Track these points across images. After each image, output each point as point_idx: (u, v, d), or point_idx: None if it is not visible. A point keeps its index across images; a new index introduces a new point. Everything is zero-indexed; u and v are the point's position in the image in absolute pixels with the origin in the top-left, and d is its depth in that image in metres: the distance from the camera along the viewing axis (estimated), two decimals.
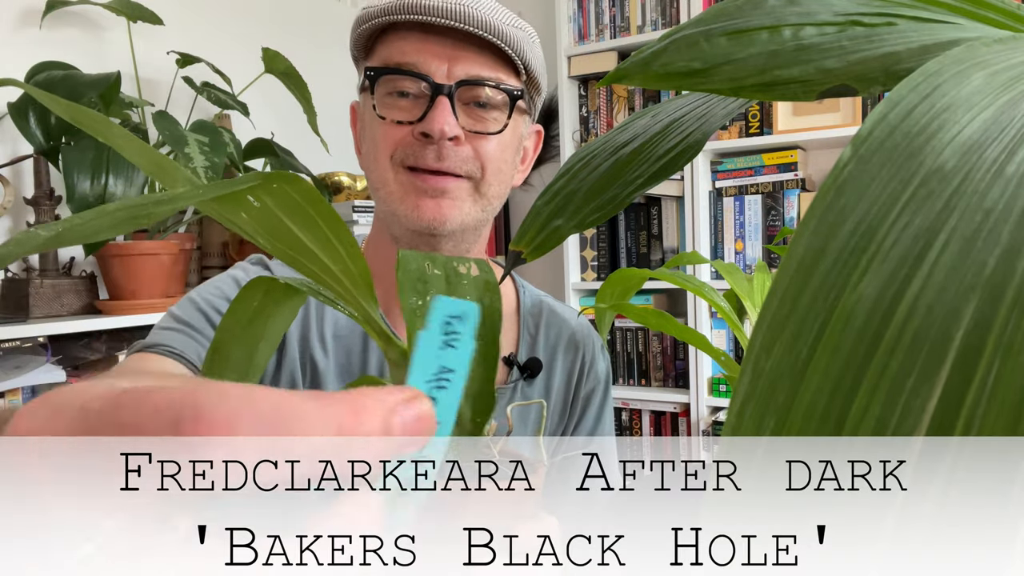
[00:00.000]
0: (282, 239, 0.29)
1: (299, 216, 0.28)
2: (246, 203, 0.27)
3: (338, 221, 0.30)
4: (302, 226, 0.29)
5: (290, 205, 0.28)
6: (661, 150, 0.34)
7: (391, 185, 0.72)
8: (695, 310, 2.16)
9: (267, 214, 0.27)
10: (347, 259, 0.31)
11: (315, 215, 0.29)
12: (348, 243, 0.31)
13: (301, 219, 0.28)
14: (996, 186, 0.15)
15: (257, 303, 0.37)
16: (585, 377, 0.85)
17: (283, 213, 0.28)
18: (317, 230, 0.29)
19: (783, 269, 0.15)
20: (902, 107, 0.17)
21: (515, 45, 0.70)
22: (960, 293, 0.14)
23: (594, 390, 0.86)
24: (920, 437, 0.13)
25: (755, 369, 0.14)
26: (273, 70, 1.87)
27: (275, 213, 0.28)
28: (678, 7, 2.20)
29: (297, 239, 0.29)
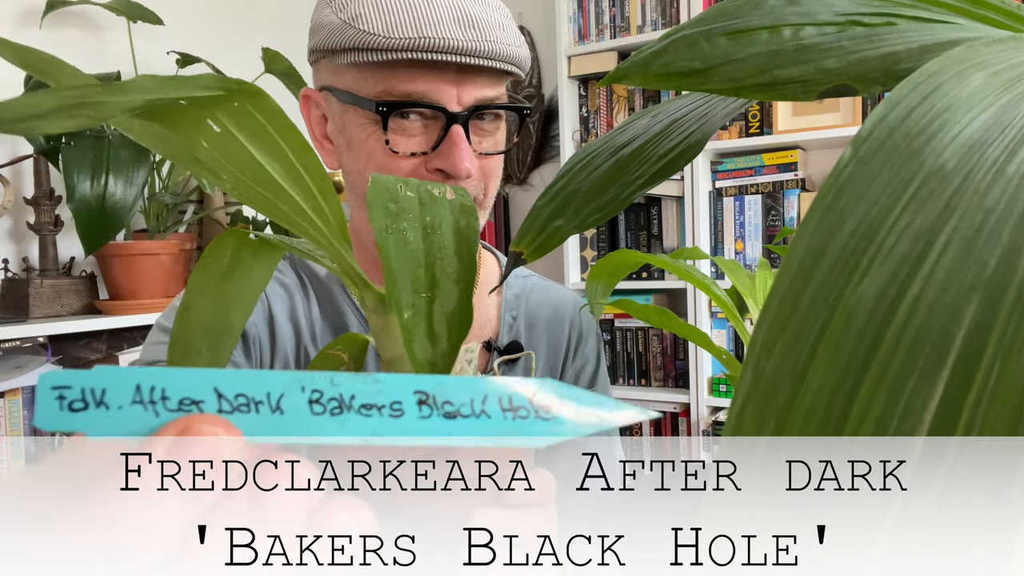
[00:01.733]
0: (247, 172, 0.27)
1: (265, 143, 0.26)
2: (206, 128, 0.24)
3: (308, 150, 0.28)
4: (269, 156, 0.27)
5: (254, 129, 0.25)
6: (661, 150, 0.34)
7: None
8: (695, 310, 2.16)
9: (229, 141, 0.25)
10: (319, 196, 0.30)
11: (282, 142, 0.27)
12: (319, 177, 0.29)
13: (267, 147, 0.26)
14: (997, 186, 0.15)
15: (228, 258, 0.35)
16: (572, 354, 0.83)
17: (246, 139, 0.26)
18: (285, 161, 0.27)
19: (784, 269, 0.15)
20: (902, 107, 0.17)
21: (521, 63, 0.68)
22: (961, 293, 0.14)
23: (583, 369, 0.83)
24: (921, 437, 0.13)
25: (756, 369, 0.14)
26: (273, 70, 1.87)
27: (237, 139, 0.25)
28: (678, 7, 2.20)
29: (264, 172, 0.27)
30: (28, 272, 1.61)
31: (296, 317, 0.75)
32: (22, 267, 1.64)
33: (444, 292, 0.32)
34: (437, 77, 0.65)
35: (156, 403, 0.22)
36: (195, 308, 0.33)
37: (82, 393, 0.21)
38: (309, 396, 0.23)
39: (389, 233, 0.32)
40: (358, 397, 0.23)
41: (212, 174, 0.27)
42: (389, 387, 0.23)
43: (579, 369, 0.84)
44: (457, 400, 0.24)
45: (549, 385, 0.25)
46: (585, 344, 0.84)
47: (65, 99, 0.20)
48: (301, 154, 0.27)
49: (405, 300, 0.31)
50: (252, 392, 0.22)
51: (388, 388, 0.23)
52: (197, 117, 0.23)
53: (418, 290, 0.31)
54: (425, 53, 0.62)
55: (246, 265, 0.35)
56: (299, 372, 0.23)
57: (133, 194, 1.51)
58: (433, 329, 0.32)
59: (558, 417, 0.25)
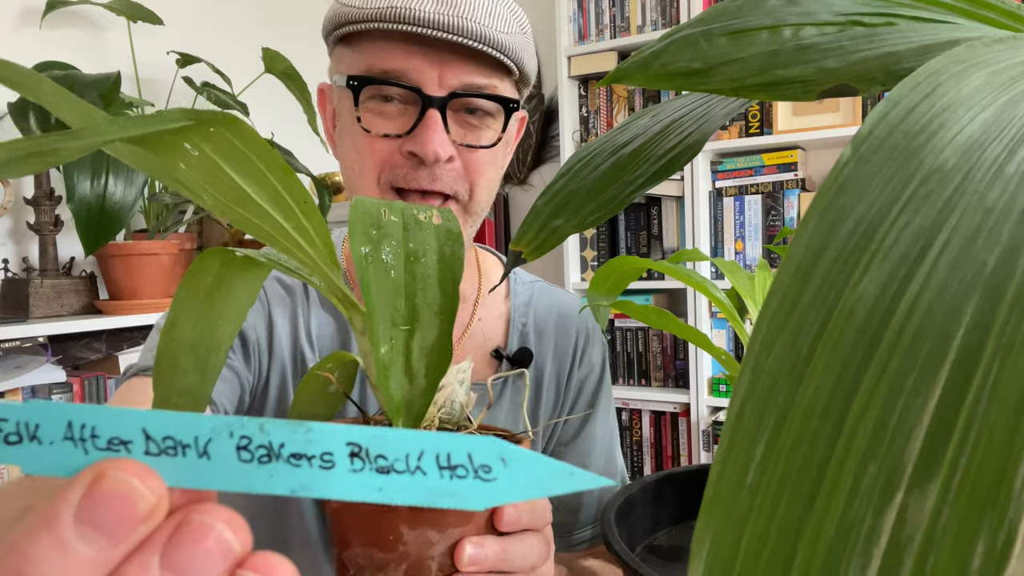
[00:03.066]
0: (228, 193, 0.26)
1: (244, 166, 0.25)
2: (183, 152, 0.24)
3: (288, 173, 0.27)
4: (248, 178, 0.26)
5: (232, 153, 0.25)
6: (661, 150, 0.34)
7: None
8: (695, 310, 2.16)
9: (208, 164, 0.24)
10: (301, 216, 0.29)
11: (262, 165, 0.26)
12: (301, 199, 0.28)
13: (246, 170, 0.26)
14: (996, 185, 0.15)
15: (214, 275, 0.34)
16: (578, 362, 0.83)
17: (225, 163, 0.25)
18: (265, 183, 0.27)
19: (783, 268, 0.15)
20: (902, 107, 0.17)
21: (510, 51, 0.66)
22: (960, 292, 0.14)
23: (588, 376, 0.83)
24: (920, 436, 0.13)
25: (755, 368, 0.14)
26: (273, 70, 1.87)
27: (216, 162, 0.25)
28: (678, 7, 2.20)
29: (244, 194, 0.26)
30: (28, 272, 1.61)
31: (296, 322, 0.74)
32: (22, 267, 1.64)
33: (425, 325, 0.30)
34: (416, 56, 0.64)
35: (86, 441, 0.21)
36: (180, 326, 0.32)
37: (17, 427, 0.21)
38: (237, 442, 0.21)
39: (369, 262, 0.30)
40: (287, 446, 0.22)
41: (193, 194, 0.26)
42: (320, 437, 0.22)
43: (584, 377, 0.83)
44: (392, 454, 0.22)
45: (493, 445, 0.23)
46: (592, 351, 0.84)
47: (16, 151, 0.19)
48: (281, 176, 0.27)
49: (383, 334, 0.29)
50: (180, 435, 0.21)
51: (319, 438, 0.22)
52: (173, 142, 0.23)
53: (397, 323, 0.30)
54: (392, 24, 0.61)
55: (231, 283, 0.34)
56: (230, 417, 0.22)
57: (133, 194, 1.51)
58: (411, 365, 0.30)
59: (499, 478, 0.23)
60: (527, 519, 0.41)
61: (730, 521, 0.13)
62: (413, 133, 0.65)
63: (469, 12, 0.62)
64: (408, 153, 0.65)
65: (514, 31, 0.66)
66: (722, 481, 0.14)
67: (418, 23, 0.61)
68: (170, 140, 0.23)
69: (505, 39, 0.65)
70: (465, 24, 0.62)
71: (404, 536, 0.36)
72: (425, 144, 0.64)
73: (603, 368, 0.85)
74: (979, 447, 0.12)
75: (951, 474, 0.12)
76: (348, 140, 0.69)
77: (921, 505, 0.12)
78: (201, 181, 0.25)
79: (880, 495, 0.12)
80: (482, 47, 0.63)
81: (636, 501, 0.68)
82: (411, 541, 0.37)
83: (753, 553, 0.13)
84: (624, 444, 2.36)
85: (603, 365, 0.86)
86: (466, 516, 0.38)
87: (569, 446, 0.82)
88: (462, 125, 0.67)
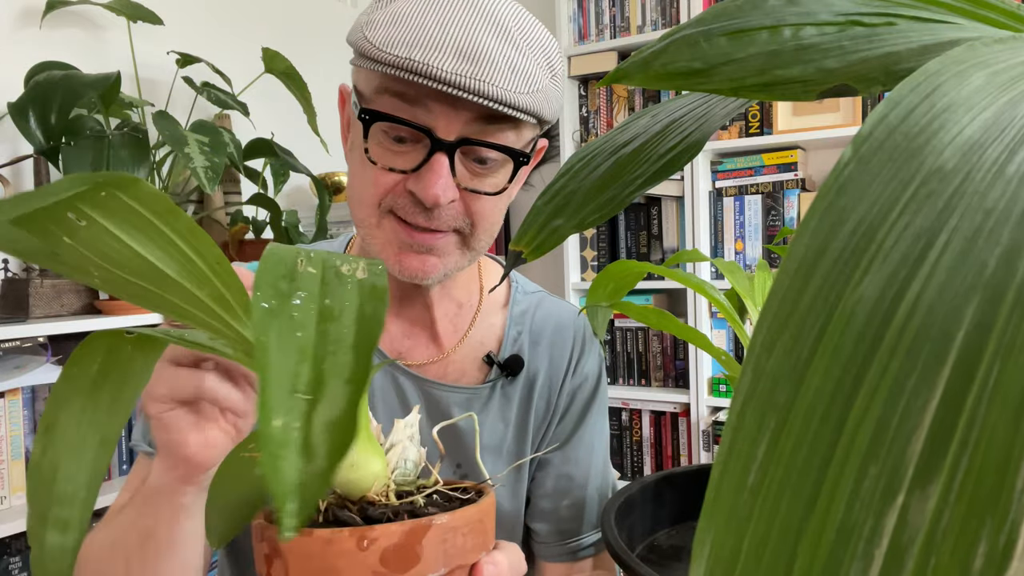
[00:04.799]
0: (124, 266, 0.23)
1: (143, 232, 0.22)
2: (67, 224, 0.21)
3: (199, 233, 0.24)
4: (150, 244, 0.23)
5: (128, 218, 0.22)
6: (661, 150, 0.34)
7: (374, 230, 0.67)
8: (695, 311, 2.16)
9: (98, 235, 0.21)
10: (216, 280, 0.25)
11: (167, 229, 0.23)
12: (216, 259, 0.25)
13: (147, 235, 0.23)
14: (997, 186, 0.15)
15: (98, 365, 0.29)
16: (571, 372, 0.83)
17: (119, 229, 0.22)
18: (171, 248, 0.23)
19: (783, 269, 0.15)
20: (902, 107, 0.17)
21: (528, 108, 0.64)
22: (961, 293, 0.14)
23: (580, 387, 0.83)
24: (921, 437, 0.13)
25: (756, 369, 0.14)
26: (273, 70, 1.87)
27: (109, 231, 0.22)
28: (678, 7, 2.20)
29: (144, 263, 0.23)
30: (28, 272, 1.61)
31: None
32: (22, 267, 1.64)
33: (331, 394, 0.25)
34: (431, 97, 0.62)
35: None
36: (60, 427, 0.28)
37: None
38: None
39: (272, 317, 0.25)
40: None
41: (78, 271, 0.23)
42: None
43: (576, 387, 0.84)
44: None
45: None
46: (585, 363, 0.84)
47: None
48: (190, 237, 0.24)
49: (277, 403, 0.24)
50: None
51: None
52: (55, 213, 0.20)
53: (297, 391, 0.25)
54: (409, 75, 0.60)
55: (121, 369, 0.30)
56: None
57: None
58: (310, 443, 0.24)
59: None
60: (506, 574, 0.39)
61: (731, 523, 0.13)
62: (418, 173, 0.64)
63: (490, 74, 0.61)
64: (408, 191, 0.65)
65: (539, 84, 0.64)
66: (724, 482, 0.14)
67: (437, 80, 0.60)
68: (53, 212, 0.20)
69: (524, 100, 0.63)
70: (483, 87, 0.60)
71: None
72: (427, 188, 0.63)
73: (598, 379, 0.85)
74: (980, 448, 0.12)
75: (952, 475, 0.12)
76: (356, 160, 0.69)
77: (922, 506, 0.12)
78: (90, 254, 0.22)
79: (881, 497, 0.12)
80: (499, 108, 0.62)
81: (636, 501, 0.68)
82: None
83: (754, 555, 0.13)
84: (624, 444, 2.36)
85: (598, 376, 0.86)
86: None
87: (558, 453, 0.82)
88: (469, 169, 0.67)
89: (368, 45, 0.62)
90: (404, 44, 0.60)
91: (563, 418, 0.83)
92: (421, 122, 0.63)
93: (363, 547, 0.33)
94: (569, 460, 0.82)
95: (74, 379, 0.29)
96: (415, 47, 0.60)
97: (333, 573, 0.33)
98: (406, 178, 0.65)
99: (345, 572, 0.33)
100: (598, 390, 0.85)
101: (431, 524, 0.35)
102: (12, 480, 1.47)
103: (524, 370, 0.80)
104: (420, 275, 0.68)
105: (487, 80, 0.60)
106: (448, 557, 0.36)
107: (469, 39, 0.61)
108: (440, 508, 0.38)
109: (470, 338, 0.81)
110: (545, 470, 0.82)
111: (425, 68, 0.59)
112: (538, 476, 0.82)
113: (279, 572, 0.35)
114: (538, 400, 0.81)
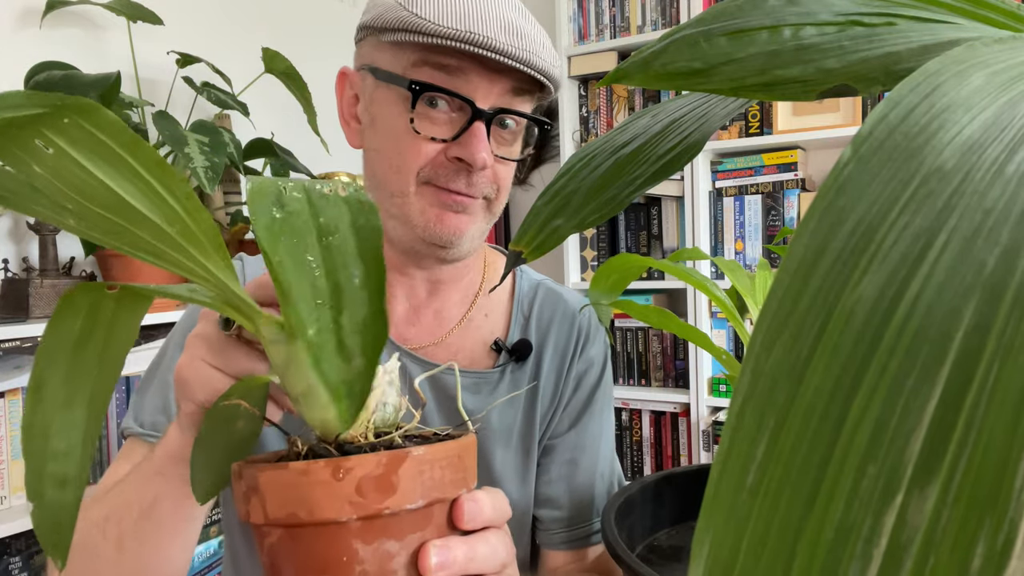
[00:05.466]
0: (93, 198, 0.22)
1: (110, 163, 0.22)
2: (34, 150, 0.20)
3: (165, 167, 0.23)
4: (117, 176, 0.22)
5: (93, 147, 0.21)
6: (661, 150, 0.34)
7: (411, 197, 0.71)
8: (695, 310, 2.16)
9: (64, 162, 0.21)
10: (186, 217, 0.25)
11: (131, 159, 0.22)
12: (184, 195, 0.24)
13: (113, 167, 0.22)
14: (996, 186, 0.15)
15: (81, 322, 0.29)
16: (577, 356, 0.84)
17: (87, 160, 0.21)
18: (138, 181, 0.23)
19: (783, 269, 0.15)
20: (902, 107, 0.17)
21: (555, 80, 0.72)
22: (960, 293, 0.14)
23: (587, 372, 0.84)
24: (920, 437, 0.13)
25: (755, 369, 0.14)
26: (273, 70, 1.87)
27: (77, 161, 0.21)
28: (678, 7, 2.20)
29: (113, 196, 0.23)
30: (28, 272, 1.61)
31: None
32: (22, 267, 1.64)
33: (351, 300, 0.27)
34: (472, 68, 0.68)
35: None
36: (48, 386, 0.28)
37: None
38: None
39: (278, 241, 0.26)
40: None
41: (55, 205, 0.23)
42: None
43: (582, 372, 0.84)
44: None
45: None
46: (590, 348, 0.85)
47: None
48: (158, 172, 0.23)
49: (307, 315, 0.26)
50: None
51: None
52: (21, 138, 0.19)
53: (321, 302, 0.27)
54: (468, 45, 0.65)
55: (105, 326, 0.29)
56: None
57: None
58: (344, 344, 0.27)
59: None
60: (489, 513, 0.40)
61: (730, 522, 0.13)
62: (460, 140, 0.69)
63: (532, 46, 0.69)
64: (454, 158, 0.69)
65: (557, 59, 0.73)
66: (722, 482, 0.14)
67: (494, 50, 0.66)
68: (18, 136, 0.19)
69: (556, 71, 0.71)
70: (529, 57, 0.68)
71: (359, 554, 0.34)
72: (474, 152, 0.68)
73: (603, 366, 0.86)
74: (979, 448, 0.12)
75: (951, 475, 0.12)
76: (387, 134, 0.72)
77: (921, 506, 0.12)
78: (61, 185, 0.21)
79: (880, 496, 0.12)
80: (539, 76, 0.70)
81: (636, 501, 0.68)
82: (368, 558, 0.34)
83: (753, 554, 0.13)
84: (624, 444, 2.36)
85: (603, 363, 0.86)
86: (424, 518, 0.36)
87: (563, 438, 0.83)
88: (497, 139, 0.73)
89: (417, 20, 0.66)
90: (456, 17, 0.66)
91: (569, 403, 0.83)
92: (464, 92, 0.69)
93: (339, 477, 0.33)
94: (575, 446, 0.82)
95: (57, 337, 0.29)
96: (467, 20, 0.66)
97: (309, 503, 0.33)
98: (447, 147, 0.70)
99: (321, 502, 0.33)
100: (603, 376, 0.86)
101: (407, 455, 0.35)
102: (12, 480, 1.47)
103: (531, 356, 0.81)
104: (457, 232, 0.72)
105: (531, 51, 0.68)
106: (425, 489, 0.35)
107: (504, 16, 0.68)
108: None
109: (477, 325, 0.82)
110: (550, 456, 0.82)
111: (484, 40, 0.65)
112: (543, 463, 0.82)
113: (257, 508, 0.34)
114: (544, 384, 0.82)
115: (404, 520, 0.35)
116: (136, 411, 0.71)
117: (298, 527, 0.33)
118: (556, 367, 0.83)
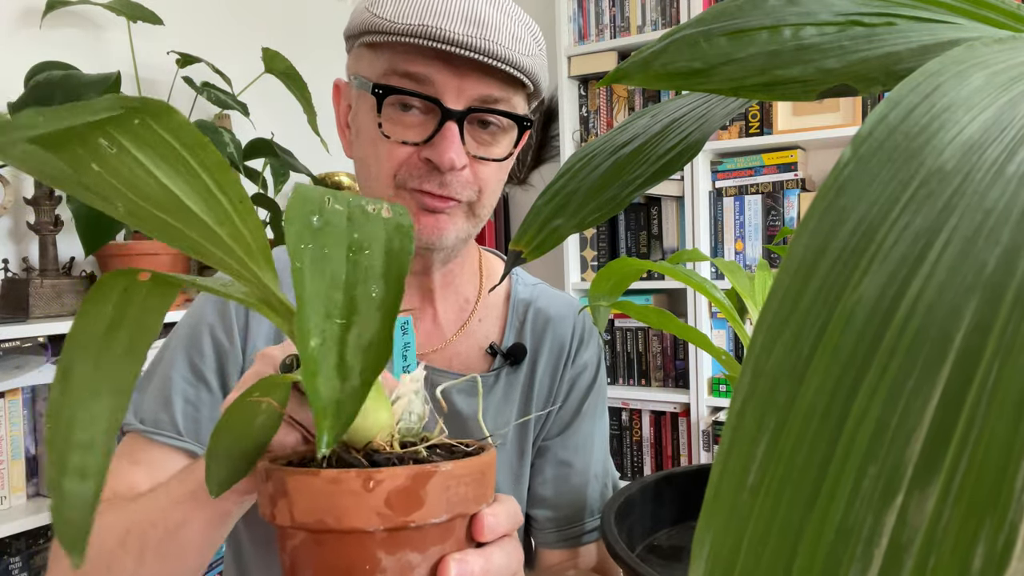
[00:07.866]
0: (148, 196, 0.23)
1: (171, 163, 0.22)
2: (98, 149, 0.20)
3: (225, 169, 0.24)
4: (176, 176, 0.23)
5: (158, 148, 0.22)
6: (661, 150, 0.34)
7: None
8: (695, 311, 2.16)
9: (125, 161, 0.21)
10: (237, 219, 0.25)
11: (194, 162, 0.23)
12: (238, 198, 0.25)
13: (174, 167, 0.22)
14: (996, 186, 0.15)
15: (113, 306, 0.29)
16: (571, 360, 0.84)
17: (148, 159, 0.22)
18: (197, 181, 0.23)
19: (783, 269, 0.15)
20: (902, 107, 0.17)
21: (529, 71, 0.69)
22: (961, 293, 0.14)
23: (581, 375, 0.84)
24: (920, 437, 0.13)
25: (756, 369, 0.14)
26: (273, 70, 1.87)
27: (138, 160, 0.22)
28: (678, 7, 2.20)
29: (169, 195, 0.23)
30: (28, 272, 1.61)
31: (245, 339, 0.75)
32: (22, 267, 1.64)
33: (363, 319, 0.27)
34: (438, 69, 0.67)
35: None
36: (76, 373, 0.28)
37: None
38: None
39: (305, 249, 0.27)
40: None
41: (103, 200, 0.23)
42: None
43: (576, 375, 0.85)
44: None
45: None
46: (585, 351, 0.85)
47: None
48: (217, 172, 0.24)
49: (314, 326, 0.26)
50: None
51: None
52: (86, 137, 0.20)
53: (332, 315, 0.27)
54: (424, 40, 0.64)
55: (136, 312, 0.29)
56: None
57: None
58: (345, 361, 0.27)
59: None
60: (505, 524, 0.41)
61: (731, 522, 0.13)
62: (431, 142, 0.68)
63: (495, 36, 0.66)
64: (425, 159, 0.69)
65: (533, 52, 0.71)
66: (723, 482, 0.14)
67: (449, 43, 0.64)
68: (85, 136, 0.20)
69: (526, 61, 0.69)
70: (491, 47, 0.66)
71: (382, 563, 0.34)
72: (442, 153, 0.67)
73: (597, 370, 0.87)
74: (980, 448, 0.12)
75: (951, 475, 0.12)
76: (367, 141, 0.72)
77: (921, 506, 0.12)
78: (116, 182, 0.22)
79: (880, 496, 0.12)
80: (504, 67, 0.67)
81: (636, 501, 0.68)
82: (390, 568, 0.34)
83: (754, 554, 0.13)
84: (624, 444, 2.36)
85: (598, 367, 0.87)
86: (446, 531, 0.37)
87: (556, 440, 0.83)
88: (476, 138, 0.71)
89: (377, 20, 0.66)
90: (415, 12, 0.65)
91: (563, 406, 0.84)
92: (431, 93, 0.67)
93: (369, 488, 0.33)
94: (568, 447, 0.83)
95: (89, 321, 0.29)
96: (425, 15, 0.65)
97: (338, 511, 0.33)
98: (419, 149, 0.69)
99: (350, 511, 0.33)
100: (597, 379, 0.86)
101: (436, 470, 0.35)
102: (12, 480, 1.47)
103: (526, 359, 0.82)
104: (435, 234, 0.71)
105: (494, 40, 0.66)
106: (450, 504, 0.36)
107: (471, 7, 0.66)
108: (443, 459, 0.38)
109: (473, 330, 0.82)
110: (544, 457, 0.82)
111: (438, 32, 0.64)
112: (537, 463, 0.83)
113: (284, 511, 0.35)
114: (539, 388, 0.82)
115: (428, 533, 0.36)
116: (136, 407, 0.71)
117: (324, 533, 0.34)
118: (551, 370, 0.83)
